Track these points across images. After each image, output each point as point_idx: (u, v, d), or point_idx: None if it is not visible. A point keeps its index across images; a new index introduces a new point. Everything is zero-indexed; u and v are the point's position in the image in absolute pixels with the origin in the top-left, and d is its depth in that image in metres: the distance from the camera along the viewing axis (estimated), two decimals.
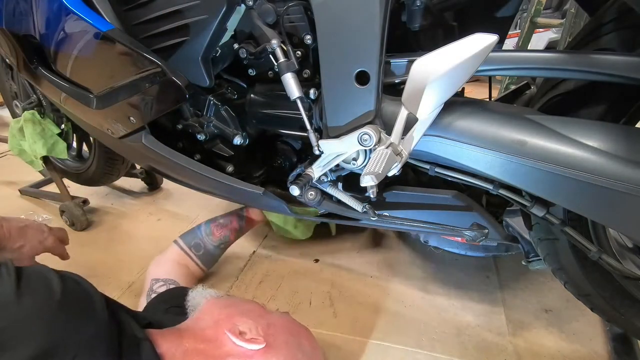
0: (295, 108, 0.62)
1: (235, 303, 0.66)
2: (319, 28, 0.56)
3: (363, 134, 0.56)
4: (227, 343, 0.56)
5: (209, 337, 0.57)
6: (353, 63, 0.55)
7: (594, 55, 0.49)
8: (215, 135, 0.77)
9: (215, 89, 0.75)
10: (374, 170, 0.50)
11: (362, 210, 0.66)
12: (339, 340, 0.87)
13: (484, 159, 0.53)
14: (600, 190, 0.46)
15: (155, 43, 0.68)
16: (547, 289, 0.99)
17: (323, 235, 1.22)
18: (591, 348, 0.84)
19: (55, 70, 0.82)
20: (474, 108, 0.54)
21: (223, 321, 0.59)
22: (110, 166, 1.32)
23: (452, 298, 0.98)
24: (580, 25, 1.63)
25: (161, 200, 1.53)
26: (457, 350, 0.84)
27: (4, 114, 2.58)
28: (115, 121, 0.75)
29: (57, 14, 0.72)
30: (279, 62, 0.60)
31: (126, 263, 1.12)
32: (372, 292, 1.00)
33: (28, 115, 1.20)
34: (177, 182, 0.92)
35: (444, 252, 1.09)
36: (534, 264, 0.78)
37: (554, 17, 2.60)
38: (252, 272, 1.09)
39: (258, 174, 0.85)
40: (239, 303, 0.67)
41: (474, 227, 0.67)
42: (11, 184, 1.64)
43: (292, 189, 0.63)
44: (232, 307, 0.63)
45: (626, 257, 0.65)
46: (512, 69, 0.54)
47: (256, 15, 0.64)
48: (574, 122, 0.50)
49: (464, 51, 0.45)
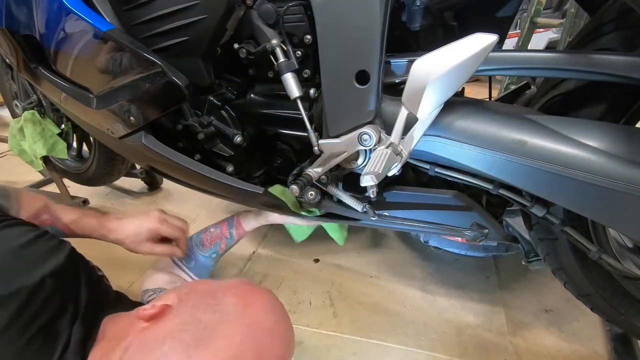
0: (295, 108, 0.62)
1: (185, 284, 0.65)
2: (319, 28, 0.56)
3: (363, 133, 0.56)
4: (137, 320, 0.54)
5: (131, 316, 0.56)
6: (353, 63, 0.55)
7: (594, 55, 0.49)
8: (215, 135, 0.77)
9: (215, 89, 0.75)
10: (374, 170, 0.50)
11: (362, 210, 0.66)
12: (339, 340, 0.87)
13: (484, 159, 0.52)
14: (600, 190, 0.46)
15: (155, 43, 0.68)
16: (547, 289, 0.99)
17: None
18: (591, 348, 0.84)
19: (55, 70, 0.82)
20: (474, 108, 0.54)
21: (154, 299, 0.58)
22: (110, 166, 1.32)
23: (452, 298, 0.98)
24: (580, 25, 1.63)
25: (161, 200, 1.53)
26: (457, 350, 0.84)
27: (4, 114, 2.58)
28: (115, 121, 0.75)
29: (57, 14, 0.72)
30: (279, 62, 0.60)
31: (126, 263, 1.12)
32: (372, 292, 1.00)
33: (28, 115, 1.20)
34: (177, 182, 0.92)
35: (444, 252, 1.09)
36: (534, 264, 0.78)
37: (554, 17, 2.60)
38: (252, 272, 1.09)
39: (258, 174, 0.85)
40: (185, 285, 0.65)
41: (474, 227, 0.67)
42: (11, 184, 1.64)
43: (292, 189, 0.63)
44: (168, 291, 0.60)
45: (626, 257, 0.65)
46: (512, 69, 0.54)
47: (256, 15, 0.64)
48: (574, 122, 0.50)
49: (464, 51, 0.45)
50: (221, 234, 0.96)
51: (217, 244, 0.95)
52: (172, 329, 0.49)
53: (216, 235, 0.95)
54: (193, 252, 0.93)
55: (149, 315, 0.51)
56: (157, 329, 0.51)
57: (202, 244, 0.93)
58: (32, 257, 0.55)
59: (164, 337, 0.48)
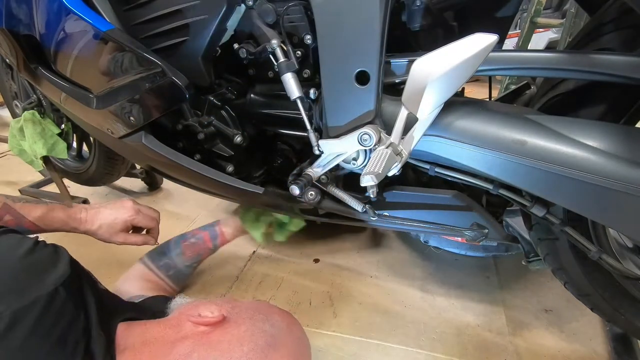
0: (295, 108, 0.62)
1: (219, 299, 0.67)
2: (319, 28, 0.56)
3: (363, 133, 0.56)
4: (186, 326, 0.56)
5: (170, 324, 0.58)
6: (353, 63, 0.55)
7: (594, 55, 0.49)
8: (215, 135, 0.77)
9: (215, 89, 0.75)
10: (374, 170, 0.50)
11: (362, 210, 0.66)
12: (339, 341, 0.87)
13: (484, 159, 0.53)
14: (600, 190, 0.46)
15: (155, 43, 0.68)
16: (547, 289, 0.99)
17: (323, 235, 1.22)
18: (591, 348, 0.84)
19: (55, 70, 0.82)
20: (474, 108, 0.54)
21: (187, 309, 0.60)
22: (110, 166, 1.32)
23: (452, 298, 0.98)
24: (580, 25, 1.63)
25: (161, 200, 1.53)
26: (457, 350, 0.84)
27: (4, 114, 2.58)
28: (115, 121, 0.75)
29: (57, 14, 0.72)
30: (279, 62, 0.60)
31: (126, 263, 1.12)
32: (372, 292, 1.00)
33: (28, 115, 1.20)
34: (177, 182, 0.92)
35: (444, 252, 1.09)
36: (534, 264, 0.78)
37: (554, 17, 2.60)
38: (252, 272, 1.09)
39: (258, 174, 0.85)
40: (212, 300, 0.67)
41: (474, 227, 0.67)
42: (11, 184, 1.64)
43: (292, 189, 0.63)
44: (202, 302, 0.63)
45: (626, 257, 0.65)
46: (512, 69, 0.54)
47: (256, 15, 0.64)
48: (574, 122, 0.50)
49: (464, 51, 0.45)
50: (204, 246, 0.95)
51: (199, 255, 0.95)
52: (244, 334, 0.56)
53: (198, 246, 0.94)
54: (172, 259, 0.92)
55: (209, 322, 0.56)
56: (225, 334, 0.55)
57: (182, 254, 0.92)
58: (39, 266, 0.54)
59: (239, 340, 0.54)
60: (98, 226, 0.78)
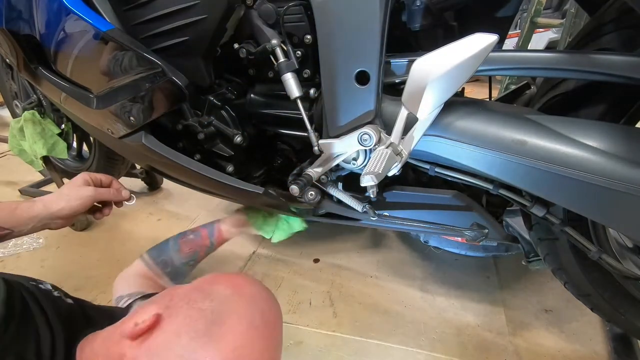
0: (295, 108, 0.62)
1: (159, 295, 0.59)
2: (319, 28, 0.56)
3: (363, 133, 0.56)
4: (123, 343, 0.50)
5: (113, 341, 0.52)
6: (353, 63, 0.55)
7: (594, 55, 0.49)
8: (215, 135, 0.77)
9: (215, 89, 0.75)
10: (374, 170, 0.50)
11: (362, 210, 0.66)
12: (339, 340, 0.87)
13: (484, 159, 0.52)
14: (600, 190, 0.46)
15: (155, 43, 0.68)
16: (547, 289, 0.99)
17: (323, 235, 1.22)
18: (591, 348, 0.84)
19: (55, 70, 0.82)
20: (474, 108, 0.54)
21: (127, 320, 0.53)
22: (110, 166, 1.32)
23: (452, 298, 0.98)
24: (580, 25, 1.63)
25: (161, 200, 1.53)
26: (457, 350, 0.84)
27: (4, 114, 2.58)
28: (115, 121, 0.75)
29: (57, 14, 0.72)
30: (279, 62, 0.60)
31: (126, 263, 1.12)
32: (372, 292, 1.00)
33: (28, 115, 1.20)
34: (177, 182, 0.92)
35: (444, 252, 1.09)
36: (534, 264, 0.78)
37: (554, 17, 2.60)
38: (252, 272, 1.09)
39: (258, 174, 0.85)
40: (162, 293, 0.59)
41: (474, 227, 0.67)
42: (11, 184, 1.64)
43: (292, 189, 0.63)
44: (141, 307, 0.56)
45: (626, 257, 0.65)
46: (512, 69, 0.54)
47: (256, 15, 0.64)
48: (574, 122, 0.50)
49: (464, 51, 0.45)
50: (201, 243, 0.94)
51: (197, 252, 0.94)
52: (179, 327, 0.49)
53: (196, 243, 0.93)
54: (169, 256, 0.91)
55: (142, 330, 0.49)
56: (160, 334, 0.49)
57: (180, 250, 0.91)
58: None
59: (176, 334, 0.48)
60: (59, 209, 0.70)
